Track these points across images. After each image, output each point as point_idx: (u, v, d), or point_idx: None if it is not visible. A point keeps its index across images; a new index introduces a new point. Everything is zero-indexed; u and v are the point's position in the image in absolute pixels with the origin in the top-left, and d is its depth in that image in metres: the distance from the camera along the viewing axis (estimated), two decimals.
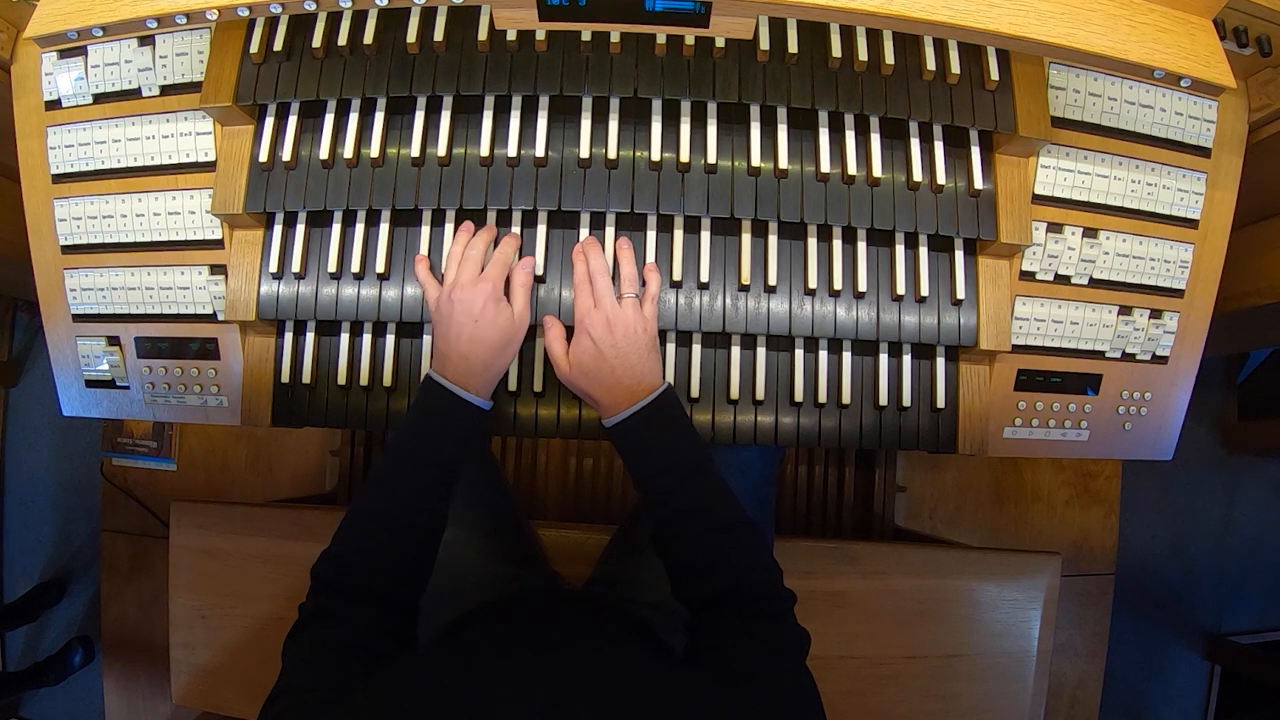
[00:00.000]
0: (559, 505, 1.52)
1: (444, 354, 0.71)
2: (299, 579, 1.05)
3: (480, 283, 0.71)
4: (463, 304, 0.70)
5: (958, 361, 0.82)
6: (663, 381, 0.72)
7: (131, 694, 1.64)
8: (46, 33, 0.64)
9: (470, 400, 0.70)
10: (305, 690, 0.55)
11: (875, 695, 1.03)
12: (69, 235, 0.83)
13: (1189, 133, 0.82)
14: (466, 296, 0.70)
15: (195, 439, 1.64)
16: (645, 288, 0.76)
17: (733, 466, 0.89)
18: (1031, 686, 1.05)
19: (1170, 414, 0.87)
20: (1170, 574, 1.90)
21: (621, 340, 0.71)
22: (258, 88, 0.75)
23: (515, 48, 0.74)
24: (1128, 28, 0.66)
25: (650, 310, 0.74)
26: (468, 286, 0.71)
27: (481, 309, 0.70)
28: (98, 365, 0.85)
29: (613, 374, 0.71)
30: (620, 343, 0.71)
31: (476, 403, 0.70)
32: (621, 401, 0.70)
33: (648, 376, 0.71)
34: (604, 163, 0.76)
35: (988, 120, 0.75)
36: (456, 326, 0.70)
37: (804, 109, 0.76)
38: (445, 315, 0.71)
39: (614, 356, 0.71)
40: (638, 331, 0.72)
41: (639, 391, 0.70)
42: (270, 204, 0.77)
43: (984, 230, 0.77)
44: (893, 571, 1.04)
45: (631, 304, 0.73)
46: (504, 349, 0.72)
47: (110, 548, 1.67)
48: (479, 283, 0.71)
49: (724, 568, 0.66)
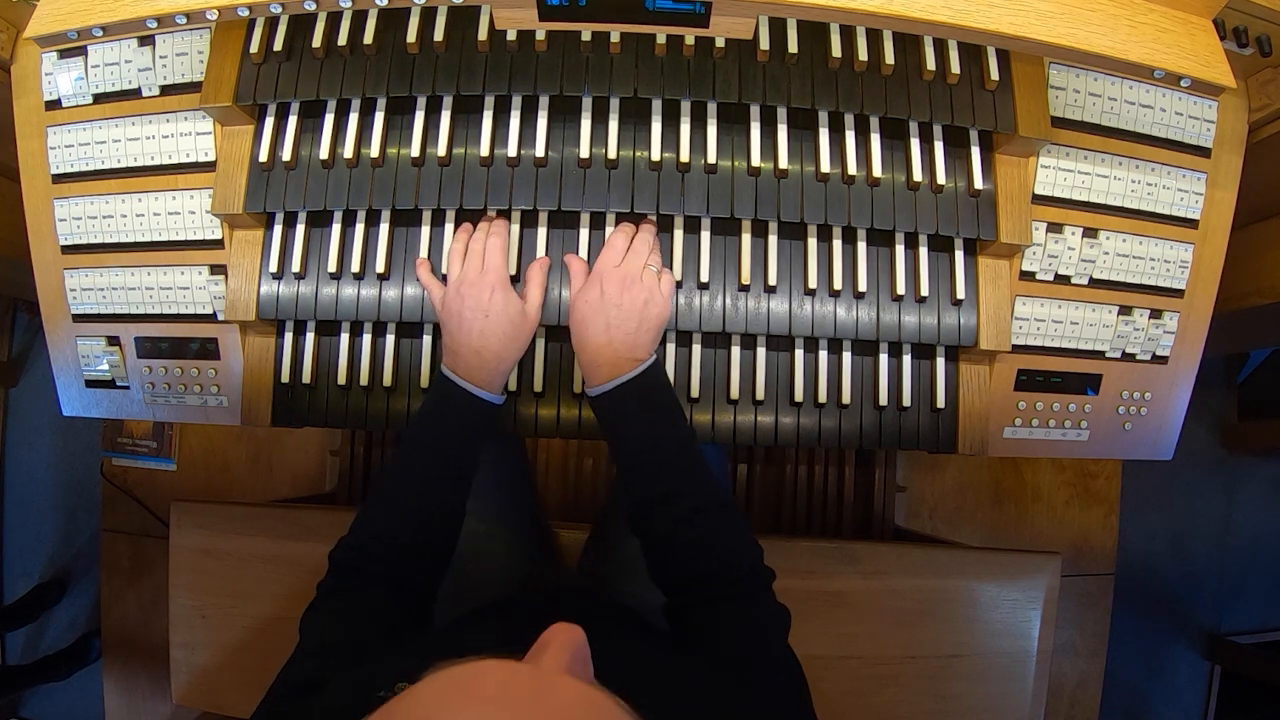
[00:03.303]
0: (559, 505, 1.51)
1: (455, 351, 0.71)
2: (299, 579, 1.05)
3: (486, 274, 0.70)
4: (472, 299, 0.70)
5: (958, 361, 0.82)
6: (652, 355, 0.71)
7: (131, 694, 1.64)
8: (46, 33, 0.64)
9: (483, 396, 0.70)
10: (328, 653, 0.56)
11: (875, 695, 1.03)
12: (69, 235, 0.83)
13: (1189, 133, 0.82)
14: (474, 291, 0.70)
15: (195, 439, 1.64)
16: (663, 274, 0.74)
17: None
18: (1031, 686, 1.05)
19: (1170, 414, 0.87)
20: (1170, 574, 1.90)
21: (629, 304, 0.70)
22: (258, 88, 0.75)
23: (515, 48, 0.74)
24: (1128, 28, 0.66)
25: (668, 287, 0.73)
26: (475, 281, 0.70)
27: (489, 301, 0.70)
28: (98, 365, 0.85)
29: (606, 333, 0.69)
30: (626, 305, 0.70)
31: (489, 398, 0.70)
32: (604, 367, 0.69)
33: (639, 350, 0.70)
34: (604, 163, 0.76)
35: (988, 120, 0.75)
36: (467, 323, 0.70)
37: (804, 109, 0.76)
38: (454, 312, 0.71)
39: (616, 317, 0.69)
40: (650, 302, 0.70)
41: (625, 363, 0.69)
42: (270, 204, 0.77)
43: (984, 230, 0.77)
44: (893, 571, 1.04)
45: (653, 275, 0.72)
46: (515, 340, 0.72)
47: (110, 548, 1.66)
48: (484, 274, 0.70)
49: (704, 549, 0.65)
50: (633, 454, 0.69)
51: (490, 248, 0.72)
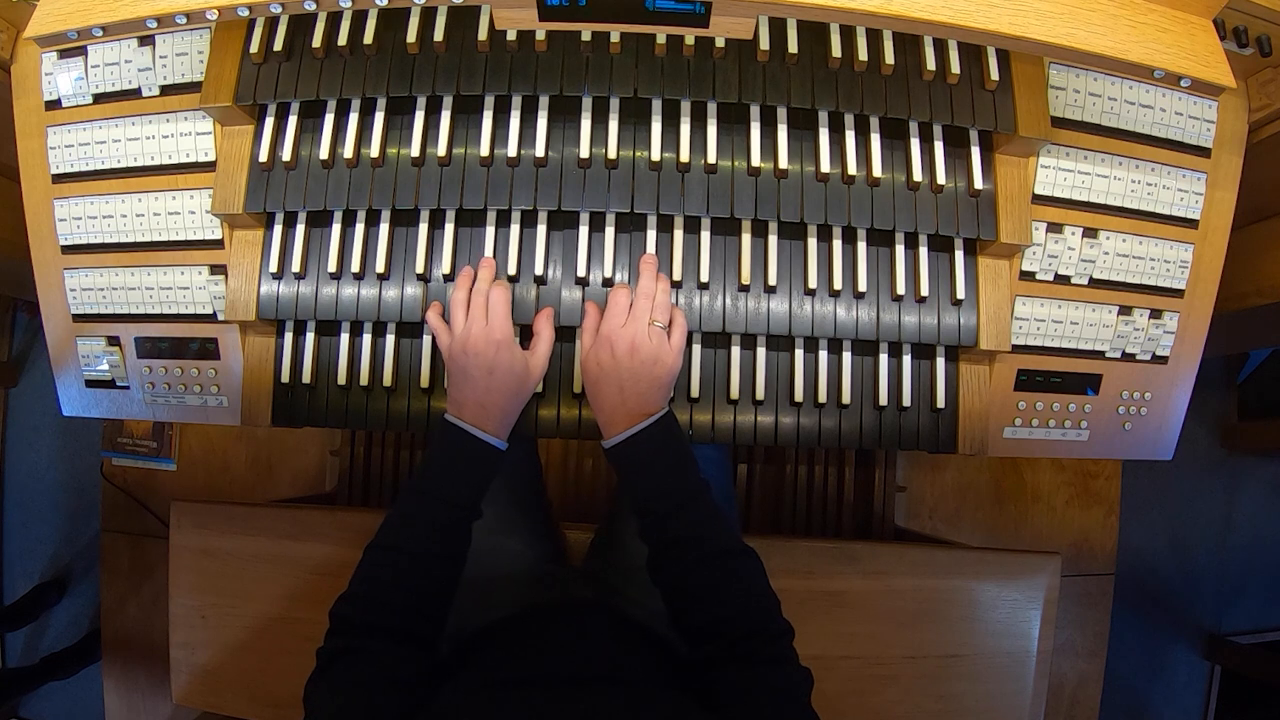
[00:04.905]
0: (559, 505, 1.52)
1: (460, 402, 0.72)
2: (299, 579, 1.05)
3: (491, 331, 0.72)
4: (476, 356, 0.71)
5: (958, 361, 0.82)
6: (664, 407, 0.72)
7: (131, 694, 1.64)
8: (46, 33, 0.64)
9: (489, 441, 0.71)
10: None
11: (875, 695, 1.03)
12: (69, 235, 0.83)
13: (1189, 133, 0.82)
14: (479, 349, 0.71)
15: (195, 439, 1.64)
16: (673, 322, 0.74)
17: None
18: (1031, 686, 1.04)
19: (1170, 414, 0.87)
20: (1170, 574, 1.90)
21: (640, 367, 0.71)
22: (258, 88, 0.75)
23: (515, 48, 0.74)
24: (1128, 28, 0.66)
25: (678, 341, 0.73)
26: (479, 338, 0.71)
27: (495, 358, 0.71)
28: (98, 365, 0.85)
29: (619, 394, 0.71)
30: (638, 369, 0.71)
31: (494, 444, 0.71)
32: (620, 422, 0.71)
33: (650, 405, 0.71)
34: (604, 163, 0.76)
35: (988, 120, 0.75)
36: (472, 379, 0.71)
37: (804, 109, 0.76)
38: (460, 368, 0.72)
39: (628, 379, 0.71)
40: (659, 362, 0.71)
41: (638, 417, 0.71)
42: (270, 204, 0.77)
43: (984, 230, 0.77)
44: (893, 571, 1.04)
45: (661, 334, 0.72)
46: (519, 394, 0.74)
47: (110, 548, 1.66)
48: (490, 332, 0.71)
49: (721, 596, 0.66)
50: (646, 501, 0.70)
51: (494, 301, 0.73)
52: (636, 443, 0.70)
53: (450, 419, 0.72)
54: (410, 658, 0.63)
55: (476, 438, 0.71)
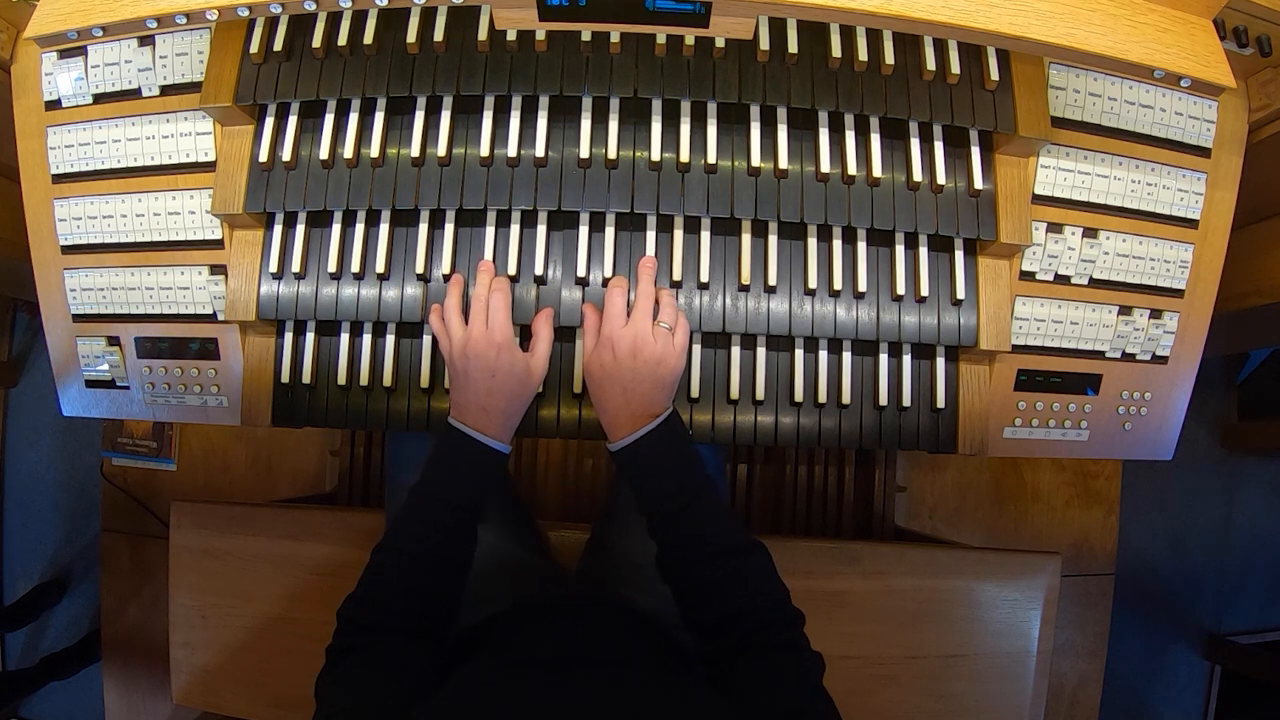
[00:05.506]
0: (559, 505, 1.52)
1: (462, 406, 0.72)
2: (299, 579, 1.05)
3: (491, 334, 0.71)
4: (477, 360, 0.71)
5: (958, 361, 0.82)
6: (668, 407, 0.72)
7: (131, 694, 1.64)
8: (46, 33, 0.64)
9: (491, 445, 0.71)
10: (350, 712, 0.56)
11: (875, 695, 1.03)
12: (69, 235, 0.83)
13: (1189, 133, 0.82)
14: (480, 352, 0.71)
15: (195, 439, 1.64)
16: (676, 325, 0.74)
17: None
18: (1031, 686, 1.05)
19: (1170, 414, 0.87)
20: (1170, 574, 1.90)
21: (642, 367, 0.70)
22: (258, 88, 0.75)
23: (515, 48, 0.74)
24: (1128, 28, 0.66)
25: (682, 341, 0.73)
26: (480, 341, 0.71)
27: (496, 361, 0.71)
28: (98, 365, 0.85)
29: (623, 395, 0.71)
30: (641, 370, 0.70)
31: (497, 447, 0.71)
32: (625, 424, 0.71)
33: (655, 407, 0.71)
34: (604, 163, 0.76)
35: (988, 120, 0.75)
36: (474, 384, 0.71)
37: (804, 109, 0.76)
38: (461, 372, 0.72)
39: (631, 380, 0.71)
40: (663, 363, 0.71)
41: (642, 419, 0.71)
42: (270, 204, 0.77)
43: (984, 230, 0.77)
44: (893, 571, 1.04)
45: (664, 334, 0.72)
46: (521, 396, 0.74)
47: (110, 548, 1.66)
48: (490, 334, 0.71)
49: (733, 592, 0.66)
50: (654, 502, 0.70)
51: (494, 306, 0.73)
52: (643, 446, 0.70)
53: (453, 422, 0.72)
54: (419, 650, 0.64)
55: (479, 441, 0.71)
